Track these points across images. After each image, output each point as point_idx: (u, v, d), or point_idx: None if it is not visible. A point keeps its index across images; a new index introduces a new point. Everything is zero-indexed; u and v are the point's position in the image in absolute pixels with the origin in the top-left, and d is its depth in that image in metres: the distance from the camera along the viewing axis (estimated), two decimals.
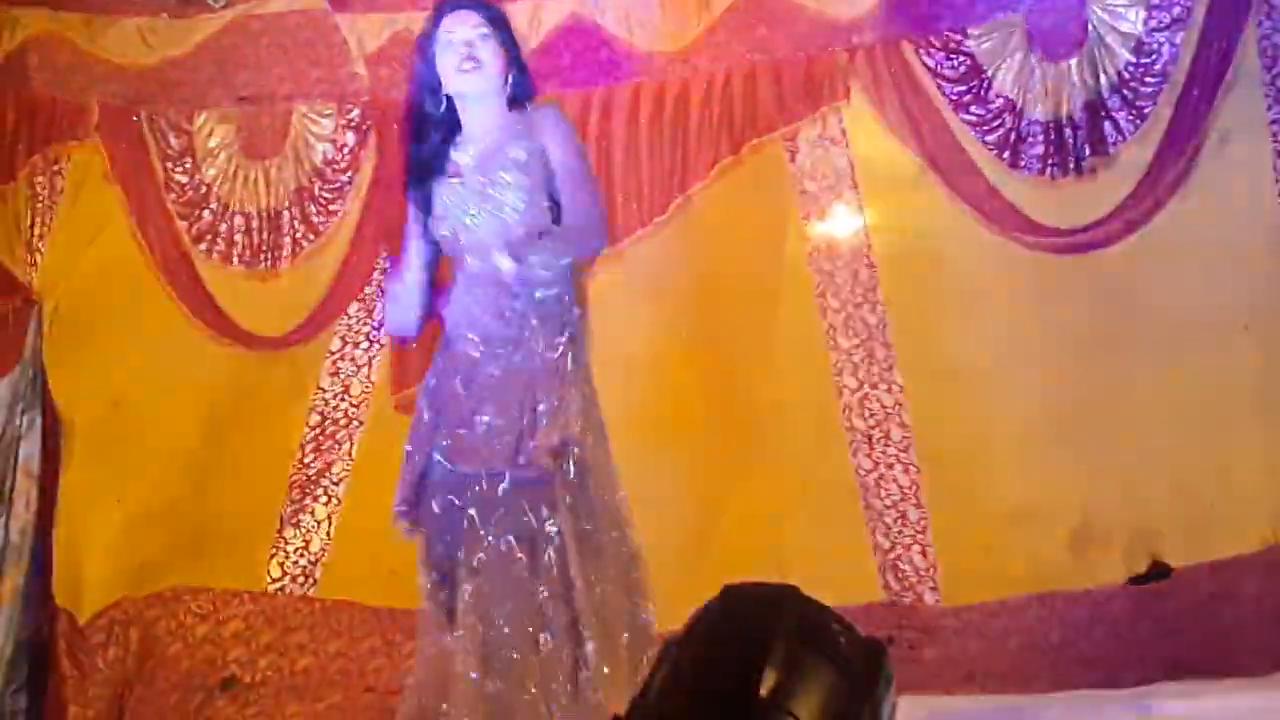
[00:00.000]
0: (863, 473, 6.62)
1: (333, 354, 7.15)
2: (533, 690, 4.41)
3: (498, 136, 4.70)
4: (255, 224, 7.25)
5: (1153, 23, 6.44)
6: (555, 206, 4.67)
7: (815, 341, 6.69)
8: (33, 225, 7.16)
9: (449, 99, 4.75)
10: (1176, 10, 6.39)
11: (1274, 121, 6.31)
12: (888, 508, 6.59)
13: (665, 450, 6.58)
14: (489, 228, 4.62)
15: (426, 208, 4.78)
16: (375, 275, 7.13)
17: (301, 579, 7.09)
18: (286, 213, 7.24)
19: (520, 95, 4.77)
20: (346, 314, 7.14)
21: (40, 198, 7.18)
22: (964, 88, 6.63)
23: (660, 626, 4.65)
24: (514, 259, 4.47)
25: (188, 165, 7.29)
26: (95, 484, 7.14)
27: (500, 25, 4.75)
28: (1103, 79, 6.49)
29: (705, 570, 5.30)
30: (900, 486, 6.59)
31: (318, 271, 7.15)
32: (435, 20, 4.76)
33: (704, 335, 6.66)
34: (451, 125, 4.78)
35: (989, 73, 6.59)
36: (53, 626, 7.06)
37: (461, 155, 4.73)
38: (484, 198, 4.63)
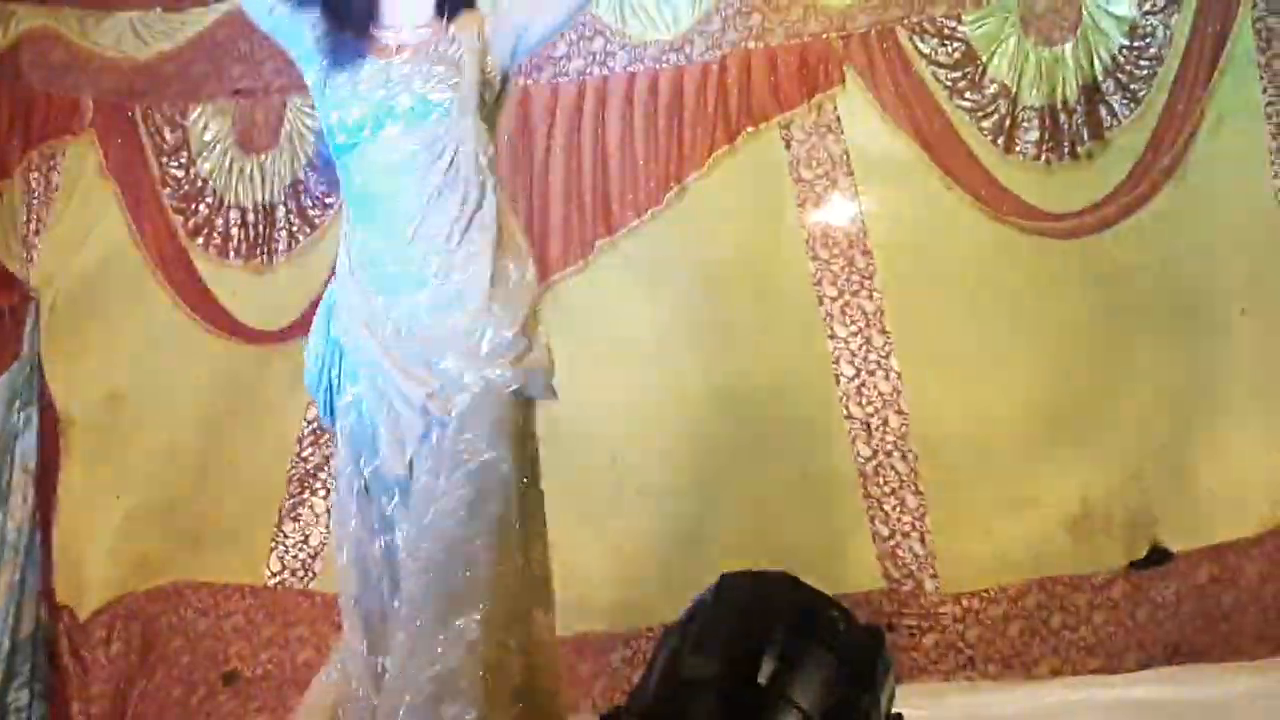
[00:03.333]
0: (861, 460, 6.61)
1: None
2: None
3: (427, 17, 4.32)
4: (251, 217, 7.26)
5: (1147, 6, 6.42)
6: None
7: (812, 329, 6.67)
8: (29, 221, 7.18)
9: None
10: None
11: (1269, 104, 6.29)
12: (886, 495, 6.58)
13: (662, 439, 6.59)
14: (407, 118, 4.20)
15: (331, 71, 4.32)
16: None
17: (301, 572, 7.09)
18: (282, 206, 7.24)
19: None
20: None
21: (36, 193, 7.19)
22: (959, 73, 6.62)
23: (659, 615, 4.65)
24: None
25: (183, 159, 7.29)
26: (94, 480, 7.15)
27: None
28: (1097, 63, 6.47)
29: (703, 558, 5.30)
30: (899, 473, 6.58)
31: (314, 265, 7.13)
32: None
33: (700, 324, 6.65)
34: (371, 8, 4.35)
35: (983, 58, 6.58)
36: (54, 623, 7.07)
37: (388, 34, 4.32)
38: (405, 81, 4.22)
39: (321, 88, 4.34)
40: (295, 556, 7.10)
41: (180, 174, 7.29)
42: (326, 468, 7.09)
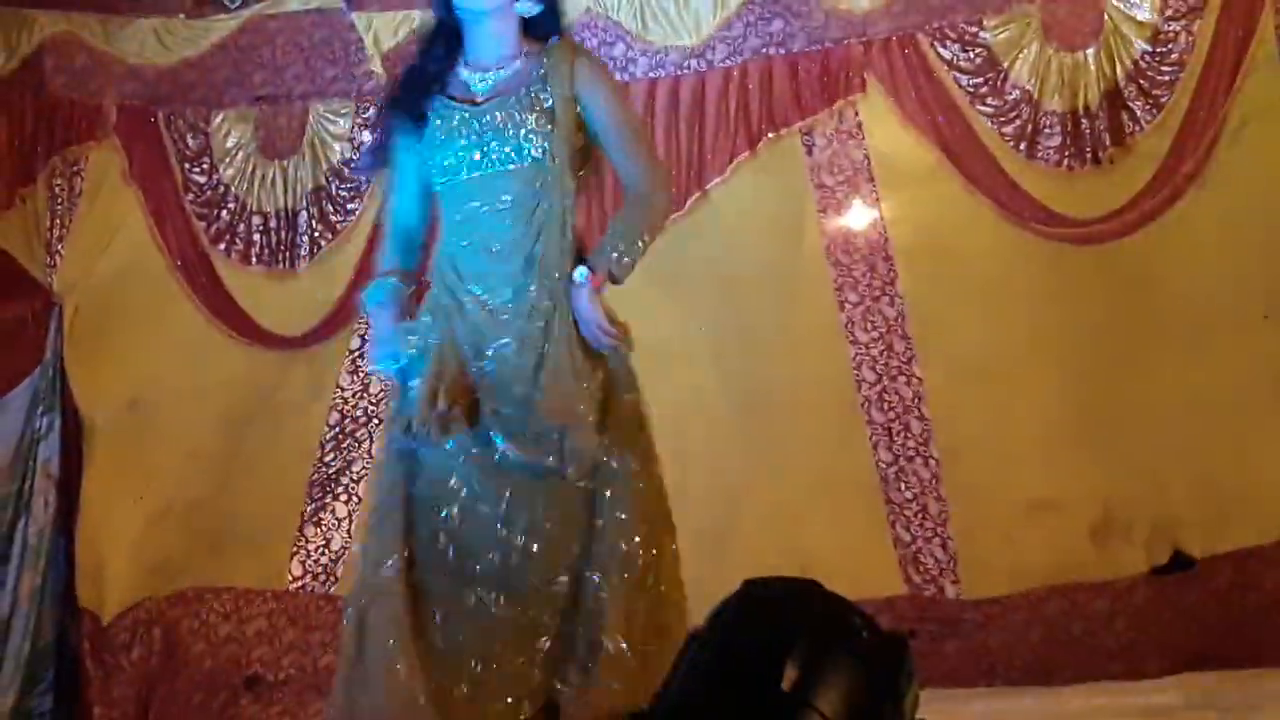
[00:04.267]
0: (883, 466, 6.62)
1: (352, 353, 7.16)
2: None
3: (516, 66, 4.29)
4: (273, 223, 7.28)
5: (1169, 11, 6.43)
6: (583, 153, 4.35)
7: (834, 335, 6.69)
8: (52, 227, 7.19)
9: (461, 19, 4.31)
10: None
11: None
12: (908, 501, 6.59)
13: (685, 445, 6.59)
14: (499, 167, 4.21)
15: (416, 132, 4.32)
16: None
17: (323, 577, 7.12)
18: (304, 212, 7.26)
19: (542, 23, 4.34)
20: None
21: (59, 199, 7.20)
22: (980, 79, 6.62)
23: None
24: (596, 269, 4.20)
25: (205, 165, 7.31)
26: (116, 484, 7.17)
27: None
28: (1119, 69, 6.47)
29: (726, 565, 5.29)
30: (920, 479, 6.59)
31: (336, 270, 7.16)
32: None
33: (722, 330, 6.66)
34: (458, 41, 4.34)
35: (1005, 64, 6.59)
36: (77, 627, 7.08)
37: (473, 78, 4.30)
38: (499, 133, 4.22)
39: (415, 137, 4.34)
40: (317, 561, 7.12)
41: (203, 180, 7.31)
42: (348, 472, 7.11)
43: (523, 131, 4.19)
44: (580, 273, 4.18)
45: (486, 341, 4.19)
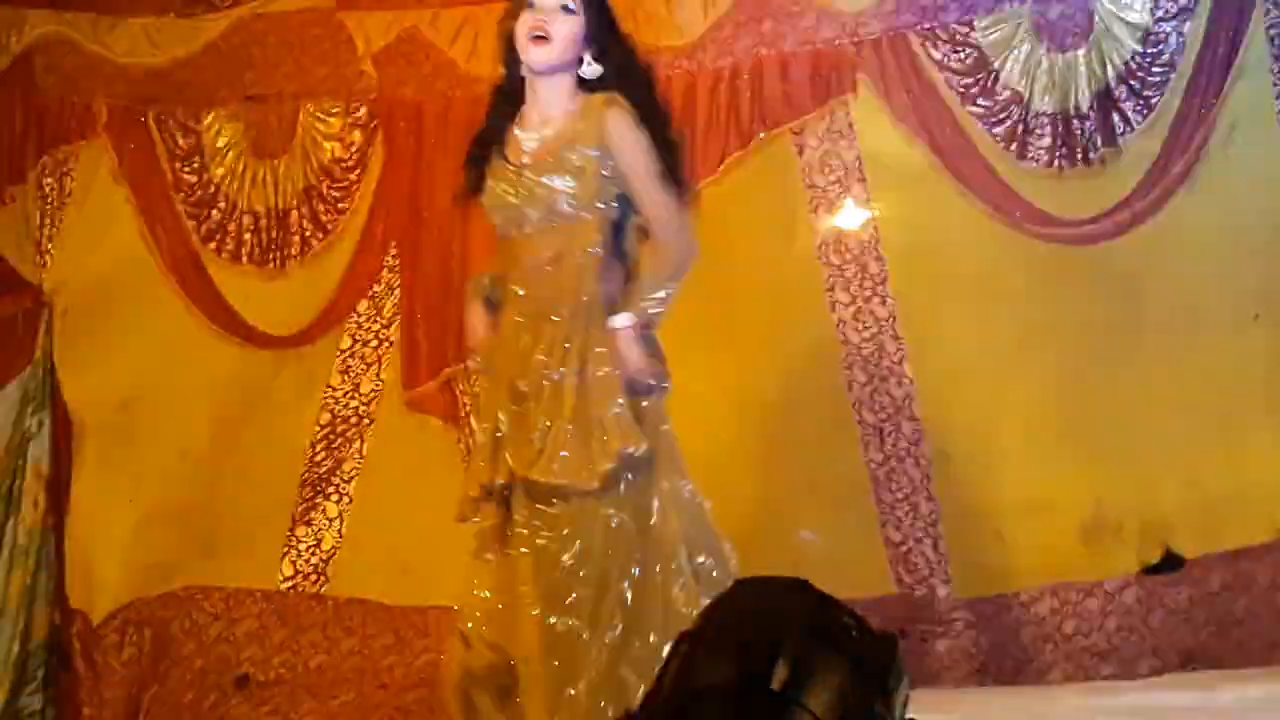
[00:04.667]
0: (873, 466, 6.62)
1: (343, 352, 7.15)
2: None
3: (559, 127, 4.59)
4: (264, 223, 7.26)
5: (1160, 12, 6.43)
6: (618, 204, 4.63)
7: (825, 335, 6.68)
8: (42, 225, 7.18)
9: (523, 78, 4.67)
10: (1183, 0, 6.38)
11: None
12: (899, 500, 6.59)
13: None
14: (542, 224, 4.56)
15: (477, 186, 4.70)
16: (384, 273, 7.14)
17: (314, 577, 7.10)
18: (295, 211, 7.24)
19: (594, 78, 4.62)
20: (356, 312, 7.15)
21: (49, 198, 7.19)
22: (971, 79, 6.62)
23: None
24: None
25: (196, 165, 7.29)
26: (106, 484, 7.16)
27: (594, 3, 4.62)
28: (1110, 70, 6.47)
29: None
30: (911, 479, 6.59)
31: (327, 270, 7.16)
32: None
33: (713, 329, 6.66)
34: (518, 98, 4.70)
35: (996, 64, 6.58)
36: (66, 627, 7.07)
37: (526, 139, 4.64)
38: (537, 195, 4.54)
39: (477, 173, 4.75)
40: (307, 561, 7.11)
41: (193, 179, 7.30)
42: (339, 472, 7.11)
43: (557, 191, 4.50)
44: (621, 318, 4.51)
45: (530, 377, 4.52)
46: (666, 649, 2.48)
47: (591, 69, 4.59)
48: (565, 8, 4.53)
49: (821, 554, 6.22)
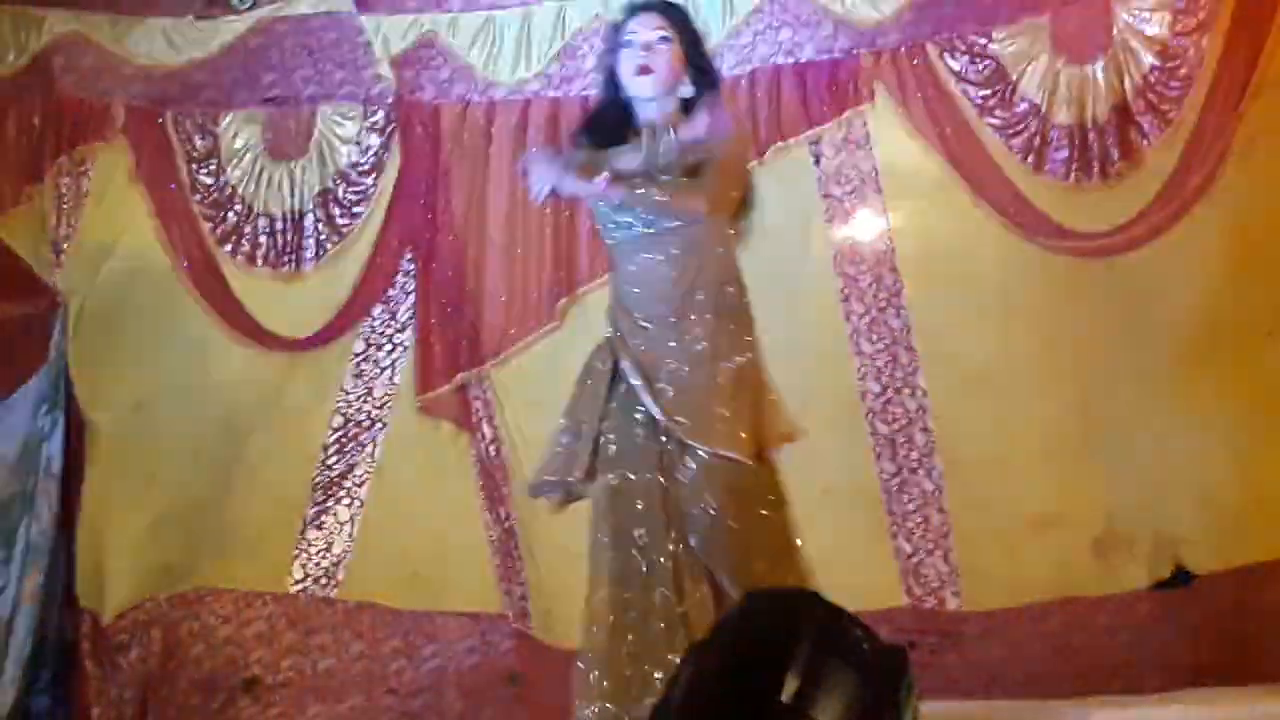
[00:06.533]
0: (886, 477, 6.62)
1: (356, 356, 7.16)
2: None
3: (667, 138, 4.78)
4: (280, 226, 7.27)
5: (1178, 26, 6.41)
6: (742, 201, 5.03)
7: (839, 346, 6.68)
8: (58, 226, 7.17)
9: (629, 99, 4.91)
10: (1202, 14, 6.36)
11: None
12: (910, 512, 6.58)
13: None
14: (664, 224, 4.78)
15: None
16: (398, 277, 7.15)
17: (324, 580, 7.11)
18: (310, 215, 7.25)
19: (696, 96, 4.87)
20: (370, 316, 7.16)
21: (66, 199, 7.19)
22: (989, 91, 6.61)
23: None
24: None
25: (213, 167, 7.31)
26: (119, 485, 7.16)
27: (683, 26, 4.89)
28: (1128, 83, 6.46)
29: None
30: (923, 491, 6.58)
31: (341, 273, 7.17)
32: (625, 19, 4.91)
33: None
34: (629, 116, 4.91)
35: (1014, 76, 6.58)
36: (76, 627, 7.08)
37: (633, 152, 4.80)
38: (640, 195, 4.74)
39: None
40: (318, 564, 7.11)
41: (210, 181, 7.30)
42: (351, 476, 7.11)
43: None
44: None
45: (658, 367, 4.73)
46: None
47: (688, 89, 4.87)
48: (663, 38, 4.81)
49: (832, 565, 6.21)
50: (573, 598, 4.84)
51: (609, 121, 4.93)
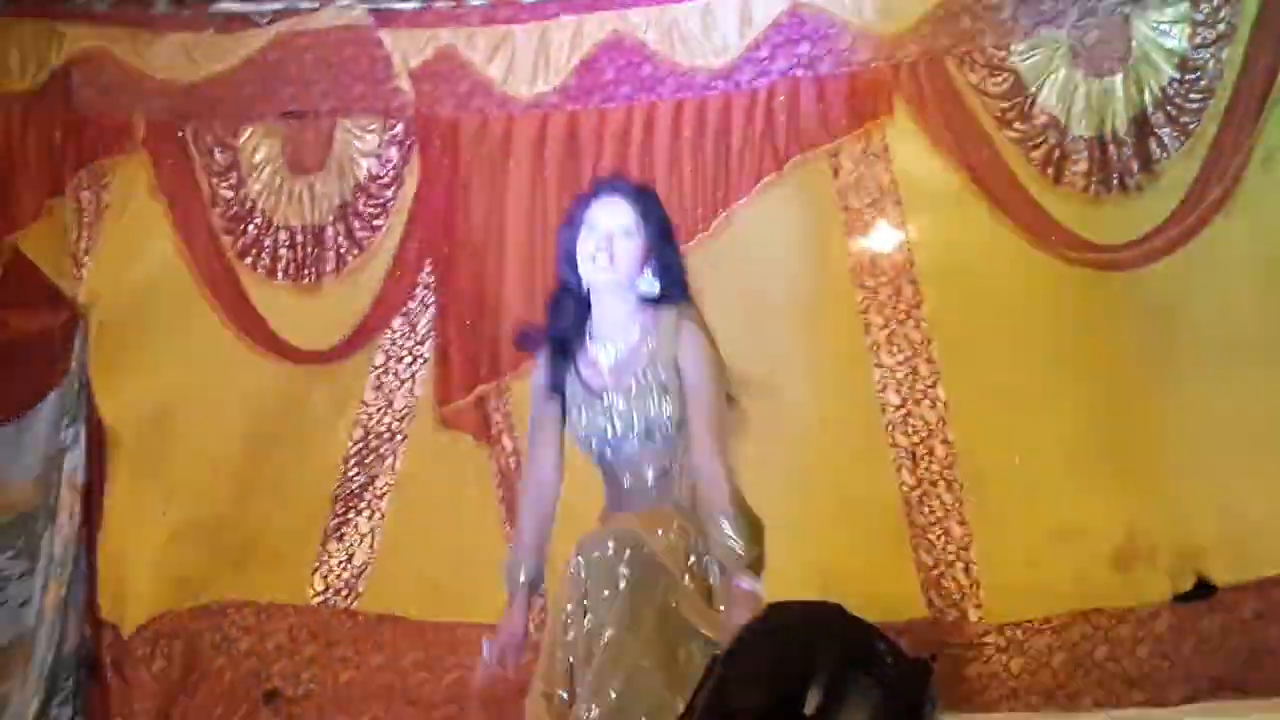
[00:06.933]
0: (906, 489, 6.62)
1: (376, 368, 7.18)
2: None
3: (633, 342, 4.62)
4: (299, 239, 7.28)
5: (1198, 39, 6.40)
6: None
7: (859, 358, 6.68)
8: (78, 239, 7.21)
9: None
10: (1222, 27, 6.35)
11: None
12: (931, 524, 6.58)
13: None
14: (635, 446, 4.59)
15: (559, 402, 4.74)
16: (418, 290, 7.16)
17: (345, 592, 7.12)
18: (330, 228, 7.26)
19: (654, 296, 4.63)
20: (390, 328, 7.17)
21: (86, 212, 7.22)
22: (1008, 104, 6.61)
23: None
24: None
25: (232, 180, 7.32)
26: (140, 497, 7.18)
27: (651, 218, 4.62)
28: (1147, 95, 6.45)
29: None
30: (944, 503, 6.58)
31: (361, 286, 7.18)
32: (589, 198, 4.68)
33: (747, 352, 6.65)
34: (588, 306, 4.71)
35: (1033, 89, 6.57)
36: (98, 639, 7.10)
37: (599, 352, 4.65)
38: (627, 421, 4.59)
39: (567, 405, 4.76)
40: (339, 576, 7.13)
41: (230, 194, 7.32)
42: (371, 488, 7.13)
43: (650, 415, 4.56)
44: (751, 580, 4.45)
45: None
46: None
47: (650, 284, 4.61)
48: (626, 231, 4.57)
49: (853, 576, 6.21)
50: None
51: (567, 310, 4.71)
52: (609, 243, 4.53)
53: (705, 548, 4.47)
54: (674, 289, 4.64)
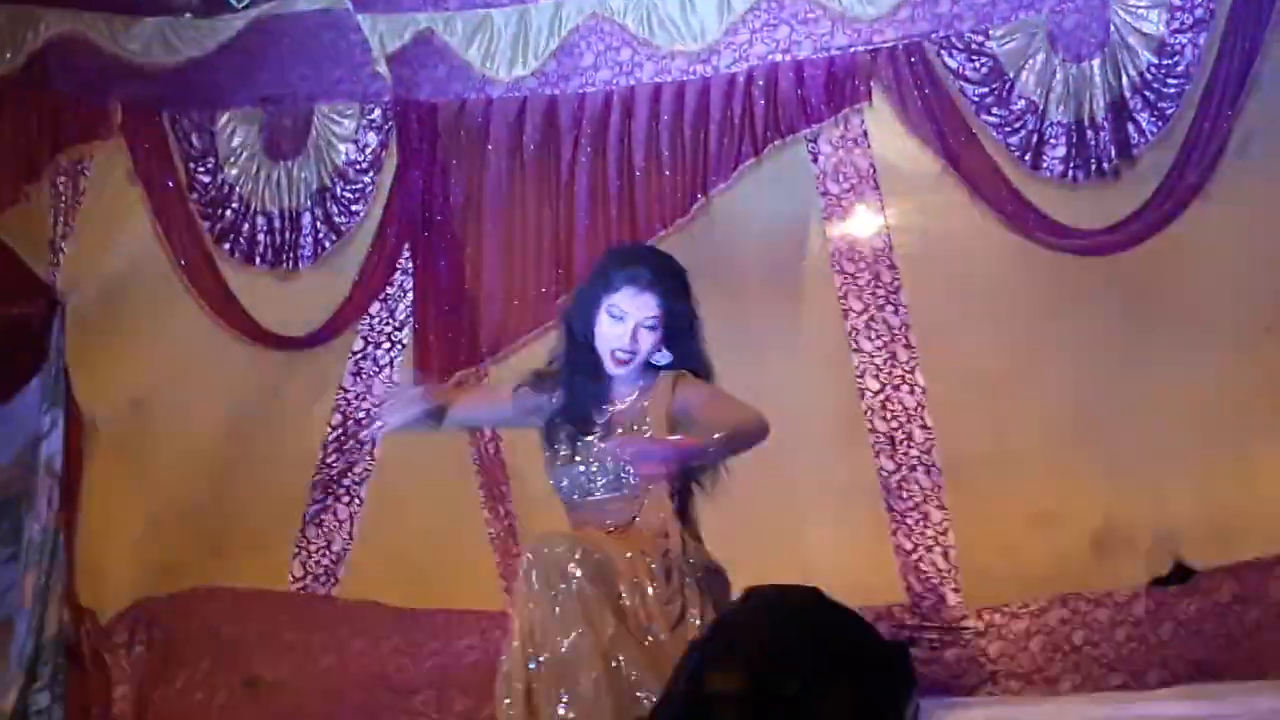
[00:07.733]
0: (885, 474, 6.62)
1: (355, 354, 7.17)
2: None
3: (630, 399, 4.86)
4: (277, 224, 7.28)
5: (1175, 24, 6.40)
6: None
7: (837, 343, 6.68)
8: (55, 225, 7.19)
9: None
10: (1199, 12, 6.34)
11: None
12: (910, 509, 6.58)
13: None
14: (602, 494, 4.82)
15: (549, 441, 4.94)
16: (397, 275, 7.15)
17: (324, 579, 7.12)
18: (308, 213, 7.26)
19: (662, 365, 4.89)
20: (368, 314, 7.16)
21: (63, 197, 7.21)
22: (986, 89, 6.60)
23: None
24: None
25: (210, 165, 7.32)
26: (117, 484, 7.18)
27: (675, 312, 4.86)
28: (1125, 80, 6.45)
29: (728, 571, 5.29)
30: (922, 488, 6.58)
31: (339, 271, 7.17)
32: (617, 275, 4.86)
33: (726, 338, 6.65)
34: (599, 381, 4.91)
35: (1011, 74, 6.56)
36: (76, 626, 7.09)
37: (598, 413, 4.88)
38: (603, 466, 4.79)
39: (546, 441, 5.00)
40: (318, 563, 7.12)
41: (207, 180, 7.31)
42: (350, 474, 7.12)
43: (621, 464, 4.72)
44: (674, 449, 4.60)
45: None
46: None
47: (662, 356, 4.89)
48: (651, 325, 4.79)
49: (832, 561, 6.22)
50: None
51: (584, 389, 4.91)
52: (634, 338, 4.80)
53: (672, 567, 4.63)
54: (687, 366, 4.91)
